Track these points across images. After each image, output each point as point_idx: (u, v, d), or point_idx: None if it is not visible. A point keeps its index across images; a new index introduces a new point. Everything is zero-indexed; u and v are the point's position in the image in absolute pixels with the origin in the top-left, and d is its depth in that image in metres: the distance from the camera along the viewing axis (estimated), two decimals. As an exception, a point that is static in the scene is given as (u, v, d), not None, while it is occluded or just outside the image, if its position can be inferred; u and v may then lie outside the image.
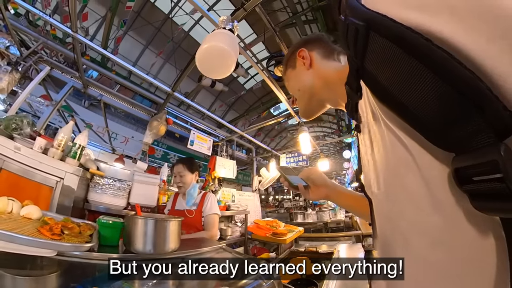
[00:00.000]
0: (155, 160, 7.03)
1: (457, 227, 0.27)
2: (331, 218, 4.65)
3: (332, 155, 13.65)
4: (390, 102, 0.29)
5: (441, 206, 0.28)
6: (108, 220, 0.98)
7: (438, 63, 0.21)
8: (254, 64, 2.07)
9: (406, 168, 0.31)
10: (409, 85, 0.24)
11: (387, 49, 0.25)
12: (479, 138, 0.21)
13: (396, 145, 0.31)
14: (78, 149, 1.52)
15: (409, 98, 0.25)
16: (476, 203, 0.23)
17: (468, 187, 0.23)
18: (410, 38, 0.23)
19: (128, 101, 2.73)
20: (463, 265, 0.27)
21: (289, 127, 11.45)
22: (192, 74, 5.44)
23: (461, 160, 0.23)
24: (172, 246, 1.03)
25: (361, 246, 2.73)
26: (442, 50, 0.21)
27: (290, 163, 4.30)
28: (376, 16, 0.25)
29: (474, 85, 0.20)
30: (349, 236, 3.23)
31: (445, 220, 0.28)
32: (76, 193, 1.49)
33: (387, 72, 0.26)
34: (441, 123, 0.23)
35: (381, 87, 0.28)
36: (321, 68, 0.63)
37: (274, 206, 9.05)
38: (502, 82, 0.19)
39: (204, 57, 0.97)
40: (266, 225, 2.82)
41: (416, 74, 0.23)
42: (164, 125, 2.59)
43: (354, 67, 0.33)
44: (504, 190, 0.19)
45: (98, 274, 0.76)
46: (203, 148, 3.19)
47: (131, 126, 7.53)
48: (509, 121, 0.19)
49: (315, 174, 0.80)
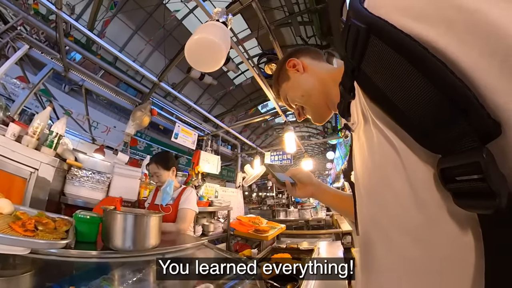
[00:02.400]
0: (137, 152, 6.82)
1: (438, 225, 0.28)
2: (312, 216, 4.74)
3: (316, 156, 13.93)
4: (383, 103, 0.31)
5: (424, 205, 0.29)
6: (86, 215, 0.94)
7: (432, 70, 0.23)
8: (245, 60, 2.05)
9: (393, 168, 0.32)
10: (403, 88, 0.26)
11: (385, 53, 0.26)
12: (464, 142, 0.23)
13: (384, 145, 0.33)
14: (55, 138, 1.43)
15: (402, 100, 0.27)
16: (459, 201, 0.25)
17: (452, 186, 0.25)
18: (408, 44, 0.24)
19: (112, 89, 2.59)
20: (442, 262, 0.29)
21: (276, 125, 11.53)
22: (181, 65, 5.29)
23: (447, 161, 0.25)
24: (153, 243, 1.01)
25: (340, 244, 2.81)
26: (436, 59, 0.23)
27: (274, 161, 4.36)
28: (378, 21, 0.27)
29: (463, 93, 0.22)
30: (329, 234, 3.30)
31: (427, 219, 0.29)
32: (52, 185, 1.41)
33: (383, 74, 0.28)
34: (431, 125, 0.25)
35: (376, 88, 0.30)
36: (315, 69, 0.64)
37: (257, 203, 9.11)
38: (488, 93, 0.21)
39: (194, 49, 0.94)
40: (249, 222, 2.84)
41: (411, 79, 0.25)
42: (148, 116, 2.50)
43: (349, 68, 0.34)
44: (485, 189, 0.21)
45: (75, 272, 0.73)
46: (187, 142, 3.13)
47: (113, 115, 7.21)
48: (492, 128, 0.21)
49: (302, 172, 0.83)
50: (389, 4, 0.28)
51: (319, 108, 0.66)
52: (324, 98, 0.63)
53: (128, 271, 0.85)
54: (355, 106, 0.40)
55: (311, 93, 0.64)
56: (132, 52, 7.56)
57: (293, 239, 3.13)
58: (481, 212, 0.24)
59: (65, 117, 1.61)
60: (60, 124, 1.47)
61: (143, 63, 7.86)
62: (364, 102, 0.35)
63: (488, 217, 0.23)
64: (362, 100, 0.35)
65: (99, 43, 2.11)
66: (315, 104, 0.65)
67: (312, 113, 0.68)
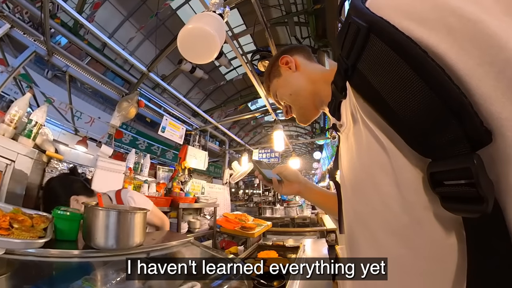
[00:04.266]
0: (122, 145, 6.58)
1: (423, 227, 0.29)
2: (298, 214, 4.82)
3: (303, 155, 14.12)
4: (377, 103, 0.31)
5: (410, 207, 0.30)
6: (66, 212, 0.88)
7: (430, 74, 0.24)
8: (239, 55, 2.02)
9: (381, 169, 0.33)
10: (399, 90, 0.26)
11: (385, 53, 0.27)
12: (456, 147, 0.23)
13: (373, 146, 0.34)
14: (34, 127, 1.35)
15: (397, 102, 0.27)
16: (446, 204, 0.26)
17: (441, 189, 0.26)
18: (409, 46, 0.25)
19: (98, 77, 2.46)
20: (426, 262, 0.30)
21: (265, 123, 11.54)
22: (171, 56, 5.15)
23: (437, 165, 0.26)
24: (137, 241, 0.98)
25: (325, 241, 2.88)
26: (435, 63, 0.23)
27: (262, 158, 4.40)
28: (380, 21, 0.27)
29: (459, 99, 0.22)
30: (314, 232, 3.38)
31: (412, 220, 0.30)
32: (30, 179, 1.33)
33: (380, 74, 0.28)
34: (424, 128, 0.26)
35: (371, 88, 0.30)
36: (307, 69, 0.64)
37: (244, 200, 9.13)
38: (483, 101, 0.22)
39: (187, 38, 0.91)
40: (235, 219, 2.83)
41: (408, 81, 0.25)
42: (135, 107, 2.41)
43: (343, 67, 0.34)
44: (474, 194, 0.22)
45: (55, 273, 0.68)
46: (175, 136, 3.07)
47: (98, 105, 6.92)
48: (484, 136, 0.22)
49: (289, 170, 0.84)
50: (391, 5, 0.28)
51: (305, 109, 0.66)
52: (312, 98, 0.63)
53: (112, 271, 0.81)
54: (345, 107, 0.40)
55: (300, 93, 0.64)
56: (122, 39, 7.22)
57: (279, 236, 3.17)
58: (467, 216, 0.25)
59: (46, 105, 1.52)
60: (40, 113, 1.39)
61: (132, 52, 7.54)
62: (354, 102, 0.35)
63: (472, 220, 0.24)
64: (353, 100, 0.35)
65: (88, 28, 1.99)
66: (302, 104, 0.66)
67: (297, 113, 0.68)
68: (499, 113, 0.21)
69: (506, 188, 0.23)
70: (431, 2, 0.25)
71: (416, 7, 0.26)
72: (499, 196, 0.23)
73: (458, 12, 0.23)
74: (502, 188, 0.23)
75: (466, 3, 0.23)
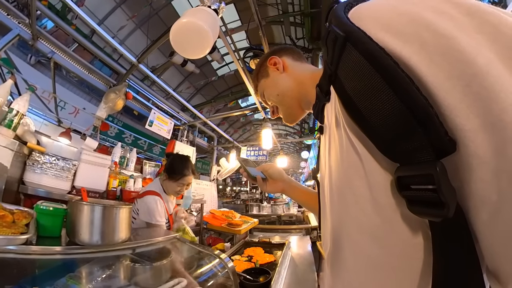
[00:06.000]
0: (107, 139, 6.39)
1: (393, 227, 0.31)
2: (284, 211, 4.87)
3: (291, 154, 14.28)
4: (351, 110, 0.33)
5: (381, 208, 0.32)
6: (48, 207, 0.85)
7: (399, 85, 0.25)
8: (231, 51, 2.00)
9: (356, 173, 0.35)
10: (370, 98, 0.28)
11: (358, 62, 0.28)
12: (421, 154, 0.25)
13: (350, 150, 0.35)
14: (15, 117, 1.28)
15: (368, 110, 0.29)
16: (412, 207, 0.28)
17: (407, 193, 0.28)
18: (381, 57, 0.26)
19: (85, 65, 2.36)
20: (397, 259, 0.32)
21: (255, 121, 11.54)
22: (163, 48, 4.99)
23: (404, 170, 0.28)
24: (123, 236, 0.97)
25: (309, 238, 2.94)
26: (405, 75, 0.25)
27: (250, 156, 4.41)
28: (356, 31, 0.29)
29: (425, 109, 0.23)
30: (300, 229, 3.42)
31: (383, 221, 0.32)
32: (10, 172, 1.25)
33: (354, 82, 0.30)
34: (393, 136, 0.27)
35: (347, 95, 0.32)
36: (294, 70, 0.65)
37: (231, 197, 9.12)
38: (448, 113, 0.23)
39: (180, 32, 0.91)
40: (222, 215, 2.83)
41: (379, 90, 0.26)
42: (123, 99, 2.33)
43: (327, 72, 0.36)
44: (435, 199, 0.24)
45: (38, 271, 0.65)
46: (162, 131, 3.01)
47: (83, 96, 6.62)
48: (448, 145, 0.23)
49: (273, 168, 0.86)
50: (372, 17, 0.30)
51: (292, 109, 0.67)
52: (299, 99, 0.64)
53: (97, 268, 0.80)
54: (329, 110, 0.41)
55: (286, 94, 0.65)
56: (112, 27, 6.93)
57: (266, 233, 3.20)
58: (431, 219, 0.27)
59: (28, 93, 1.44)
60: (22, 101, 1.32)
61: (122, 41, 7.28)
62: (338, 107, 0.37)
63: (437, 223, 0.26)
64: (337, 105, 0.37)
65: (76, 12, 1.87)
66: (288, 105, 0.67)
67: (284, 113, 0.69)
68: (463, 124, 0.23)
69: (468, 194, 0.24)
70: (409, 16, 0.27)
71: (394, 20, 0.27)
72: (462, 202, 0.25)
73: (432, 28, 0.25)
74: (465, 194, 0.24)
75: (441, 20, 0.25)
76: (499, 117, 0.21)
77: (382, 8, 0.30)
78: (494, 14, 0.24)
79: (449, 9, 0.25)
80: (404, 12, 0.27)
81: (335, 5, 0.35)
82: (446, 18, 0.25)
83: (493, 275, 0.26)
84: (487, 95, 0.22)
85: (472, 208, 0.24)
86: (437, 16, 0.25)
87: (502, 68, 0.22)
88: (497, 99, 0.21)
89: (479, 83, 0.22)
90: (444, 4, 0.26)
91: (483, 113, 0.22)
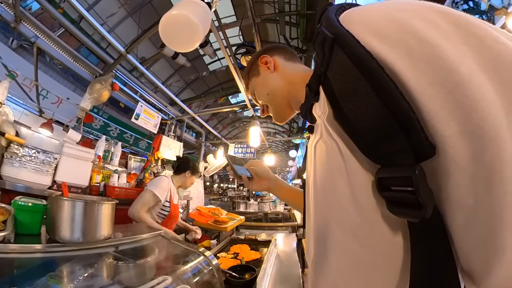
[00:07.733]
0: (92, 131, 6.16)
1: (373, 226, 0.32)
2: (271, 209, 4.93)
3: (279, 152, 14.36)
4: (337, 111, 0.34)
5: (361, 208, 0.33)
6: (27, 202, 0.82)
7: (383, 88, 0.26)
8: (223, 47, 1.97)
9: (339, 173, 0.36)
10: (355, 100, 0.29)
11: (345, 64, 0.29)
12: (402, 157, 0.26)
13: (334, 150, 0.37)
14: (-9, 105, 1.21)
15: (352, 112, 0.30)
16: (391, 208, 0.29)
17: (387, 194, 0.29)
18: (367, 61, 0.27)
19: (71, 53, 2.25)
20: (380, 257, 0.33)
21: (244, 118, 11.52)
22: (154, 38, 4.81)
23: (384, 171, 0.29)
24: (105, 233, 0.95)
25: (295, 236, 2.98)
26: (390, 79, 0.25)
27: (237, 153, 4.42)
28: (345, 33, 0.29)
29: (407, 114, 0.24)
30: (286, 227, 3.48)
31: (364, 220, 0.33)
32: None
33: (340, 84, 0.31)
34: (375, 138, 0.28)
35: (333, 96, 0.32)
36: (285, 70, 0.65)
37: (218, 194, 9.09)
38: (430, 118, 0.24)
39: (169, 24, 0.89)
40: (209, 213, 2.82)
41: (363, 93, 0.27)
42: (109, 90, 2.25)
43: (317, 73, 0.36)
44: (413, 201, 0.25)
45: (17, 271, 0.61)
46: (149, 125, 2.94)
47: (68, 85, 6.27)
48: (428, 149, 0.24)
49: (259, 166, 0.86)
50: (362, 21, 0.30)
51: (281, 109, 0.68)
52: (289, 99, 0.65)
53: (78, 266, 0.77)
54: (318, 110, 0.42)
55: (277, 93, 0.65)
56: (102, 13, 6.61)
57: (252, 230, 3.22)
58: (409, 220, 0.28)
59: (8, 80, 1.37)
60: (1, 89, 1.26)
61: (112, 29, 6.96)
62: (327, 108, 0.37)
63: (415, 223, 0.27)
64: (325, 105, 0.37)
65: None
66: (278, 104, 0.67)
67: (274, 112, 0.70)
68: (443, 130, 0.24)
69: (446, 198, 0.25)
70: (398, 23, 0.27)
71: (383, 26, 0.28)
72: (439, 204, 0.26)
73: (419, 35, 0.25)
74: (443, 197, 0.25)
75: (428, 28, 0.26)
76: (478, 125, 0.22)
77: (373, 14, 0.30)
78: (480, 27, 0.25)
79: (437, 18, 0.26)
80: (394, 19, 0.28)
81: (328, 7, 0.36)
82: (433, 27, 0.26)
83: (467, 274, 0.27)
84: (468, 103, 0.23)
85: (449, 211, 0.25)
86: (425, 24, 0.26)
87: (484, 78, 0.23)
88: (477, 108, 0.22)
89: (461, 91, 0.23)
90: (433, 14, 0.27)
91: (463, 120, 0.23)
